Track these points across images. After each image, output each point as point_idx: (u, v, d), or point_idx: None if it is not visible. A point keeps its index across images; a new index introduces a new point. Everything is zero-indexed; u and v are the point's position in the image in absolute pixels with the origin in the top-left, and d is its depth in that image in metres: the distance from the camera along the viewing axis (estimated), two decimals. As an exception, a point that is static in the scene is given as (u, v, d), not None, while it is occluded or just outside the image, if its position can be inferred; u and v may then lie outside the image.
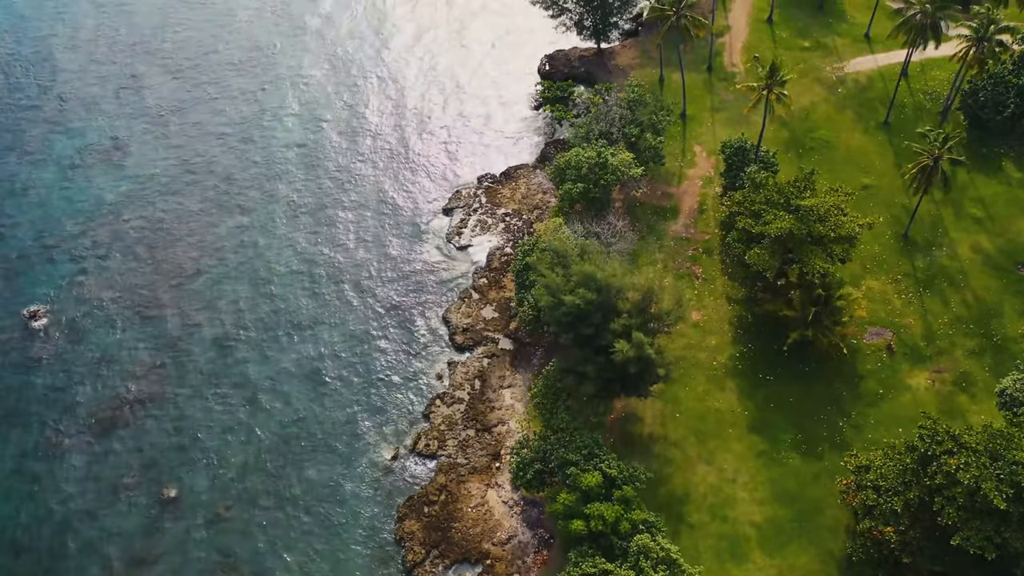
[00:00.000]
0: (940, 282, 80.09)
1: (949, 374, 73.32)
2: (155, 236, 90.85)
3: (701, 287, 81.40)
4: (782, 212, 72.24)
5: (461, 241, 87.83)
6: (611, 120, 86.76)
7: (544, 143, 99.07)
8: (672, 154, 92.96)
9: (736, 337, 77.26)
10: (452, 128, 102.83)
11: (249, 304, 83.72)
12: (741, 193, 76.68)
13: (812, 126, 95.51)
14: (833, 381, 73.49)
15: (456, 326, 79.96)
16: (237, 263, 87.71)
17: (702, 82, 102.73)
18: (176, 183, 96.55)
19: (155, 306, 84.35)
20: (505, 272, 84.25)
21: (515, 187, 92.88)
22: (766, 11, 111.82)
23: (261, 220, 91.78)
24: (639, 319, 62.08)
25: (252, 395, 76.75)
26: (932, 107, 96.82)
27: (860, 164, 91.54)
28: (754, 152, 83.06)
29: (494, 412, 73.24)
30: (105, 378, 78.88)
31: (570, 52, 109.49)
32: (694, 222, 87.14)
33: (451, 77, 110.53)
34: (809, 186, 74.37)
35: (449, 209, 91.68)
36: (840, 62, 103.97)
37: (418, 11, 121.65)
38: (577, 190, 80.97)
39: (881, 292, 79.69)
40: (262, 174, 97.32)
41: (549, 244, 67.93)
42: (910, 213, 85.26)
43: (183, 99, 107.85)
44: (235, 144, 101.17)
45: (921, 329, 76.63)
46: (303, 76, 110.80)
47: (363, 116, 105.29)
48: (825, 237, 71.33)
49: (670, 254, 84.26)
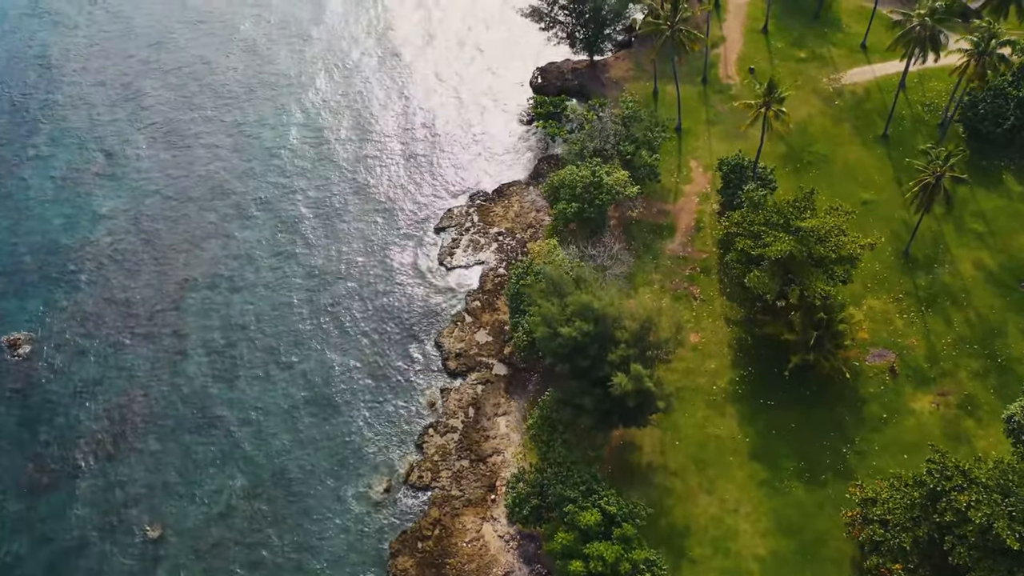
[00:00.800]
0: (942, 300, 78.52)
1: (953, 397, 71.73)
2: (140, 259, 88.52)
3: (699, 308, 79.62)
4: (782, 234, 70.53)
5: (453, 262, 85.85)
6: (605, 137, 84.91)
7: (537, 159, 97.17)
8: (668, 169, 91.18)
9: (736, 360, 75.50)
10: (443, 144, 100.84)
11: (236, 330, 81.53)
12: (740, 213, 74.93)
13: (809, 140, 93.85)
14: (835, 405, 71.82)
15: (449, 351, 77.98)
16: (224, 288, 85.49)
17: (697, 94, 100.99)
18: (162, 204, 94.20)
19: (140, 333, 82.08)
20: (498, 294, 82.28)
21: (508, 205, 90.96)
22: (761, 20, 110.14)
23: (247, 243, 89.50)
24: (637, 349, 60.24)
25: (239, 426, 74.61)
26: (931, 119, 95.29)
27: (859, 179, 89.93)
28: (752, 169, 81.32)
29: (489, 441, 71.28)
30: (88, 410, 76.63)
31: (563, 64, 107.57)
32: (691, 240, 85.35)
33: (442, 92, 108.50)
34: (809, 206, 72.69)
35: (441, 228, 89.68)
36: (836, 73, 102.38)
37: (407, 28, 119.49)
38: (572, 210, 79.13)
39: (883, 312, 78.05)
40: (248, 199, 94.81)
41: (544, 270, 66.00)
42: (910, 229, 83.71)
43: (171, 116, 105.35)
44: (222, 167, 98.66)
45: (924, 350, 75.03)
46: (290, 94, 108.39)
47: (352, 134, 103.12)
48: (826, 258, 69.69)
49: (667, 274, 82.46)
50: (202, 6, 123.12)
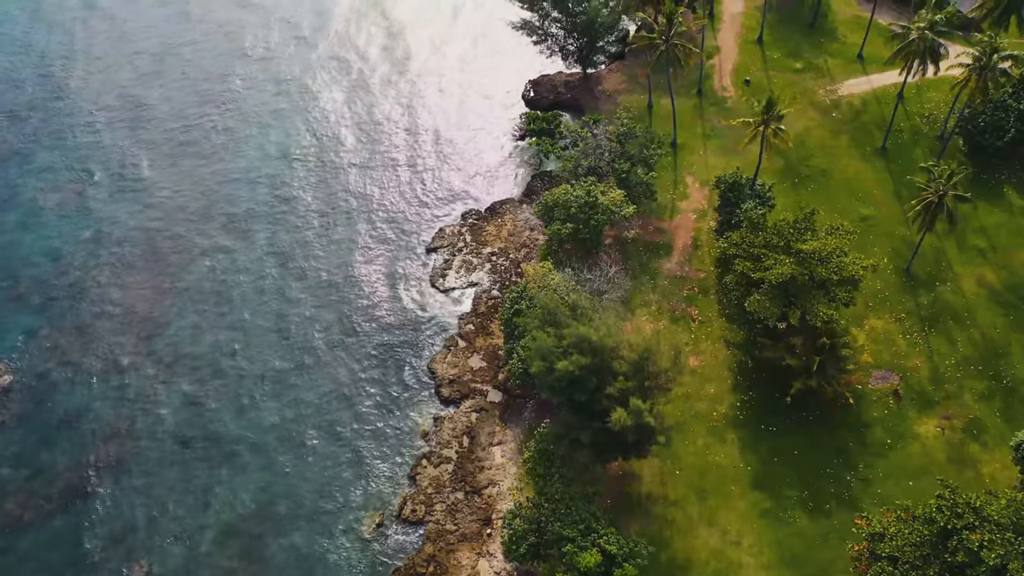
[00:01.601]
0: (945, 320, 76.94)
1: (959, 420, 70.11)
2: (125, 283, 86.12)
3: (698, 330, 77.80)
4: (782, 256, 68.81)
5: (446, 284, 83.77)
6: (599, 154, 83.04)
7: (530, 176, 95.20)
8: (663, 186, 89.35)
9: (736, 384, 73.72)
10: (434, 161, 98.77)
11: (221, 357, 79.24)
12: (738, 234, 73.16)
13: (807, 153, 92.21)
14: (839, 430, 70.10)
15: (442, 377, 75.93)
16: (211, 313, 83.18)
17: (692, 107, 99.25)
18: (148, 224, 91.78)
19: (124, 360, 79.68)
20: (492, 317, 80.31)
21: (501, 224, 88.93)
22: (755, 30, 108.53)
23: (235, 266, 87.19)
24: (636, 381, 58.33)
25: (226, 458, 72.36)
26: (929, 131, 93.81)
27: (858, 193, 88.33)
28: (750, 186, 79.57)
29: (484, 472, 69.28)
30: (70, 441, 74.21)
31: (555, 77, 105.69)
32: (688, 259, 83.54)
33: (431, 107, 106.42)
34: (810, 227, 70.98)
35: (433, 248, 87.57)
36: (833, 84, 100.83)
37: (398, 40, 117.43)
38: (566, 231, 77.21)
39: (885, 332, 76.41)
40: (236, 215, 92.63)
41: (539, 299, 64.05)
42: (911, 245, 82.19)
43: (154, 139, 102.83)
44: (206, 183, 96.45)
45: (928, 372, 73.41)
46: (276, 111, 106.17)
47: (340, 153, 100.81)
48: (828, 280, 68.01)
49: (664, 295, 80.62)
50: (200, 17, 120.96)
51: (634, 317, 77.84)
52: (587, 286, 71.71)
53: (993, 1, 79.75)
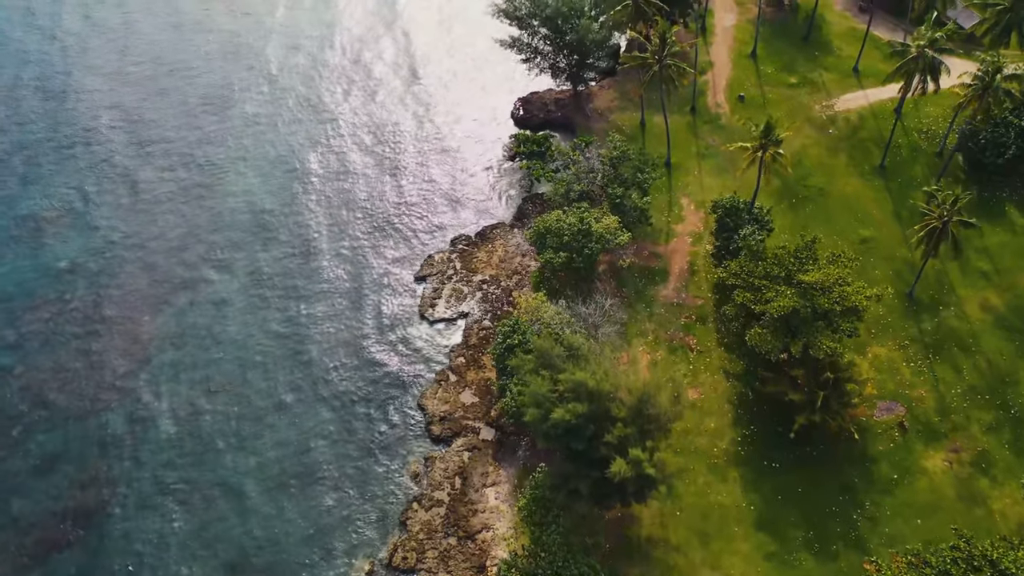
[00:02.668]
0: (950, 346, 74.81)
1: (967, 453, 67.97)
2: (102, 317, 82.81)
3: (696, 360, 75.38)
4: (783, 287, 66.50)
5: (435, 314, 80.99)
6: (592, 179, 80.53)
7: (521, 198, 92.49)
8: (658, 208, 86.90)
9: (737, 418, 71.34)
10: (423, 183, 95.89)
11: (202, 395, 76.19)
12: (737, 263, 70.82)
13: (805, 172, 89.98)
14: (844, 466, 67.82)
15: (432, 414, 73.20)
16: (191, 347, 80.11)
17: (686, 125, 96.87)
18: (126, 254, 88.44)
19: (102, 400, 76.46)
20: (483, 349, 77.59)
21: (491, 250, 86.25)
22: (749, 44, 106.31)
23: (216, 298, 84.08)
24: (635, 425, 55.81)
25: (207, 503, 69.33)
26: (928, 148, 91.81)
27: (857, 213, 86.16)
28: (747, 211, 77.18)
29: (477, 516, 66.62)
30: (46, 488, 70.93)
31: (545, 95, 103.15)
32: (685, 286, 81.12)
33: (417, 127, 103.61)
34: (811, 256, 68.65)
35: (421, 277, 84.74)
36: (829, 99, 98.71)
37: (381, 60, 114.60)
38: (560, 260, 74.68)
39: (888, 360, 74.21)
40: (216, 244, 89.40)
41: (533, 341, 61.39)
42: (912, 267, 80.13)
43: (132, 164, 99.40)
44: (185, 212, 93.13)
45: (934, 402, 71.24)
46: (257, 136, 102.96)
47: (323, 173, 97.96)
48: (830, 311, 65.70)
49: (661, 323, 78.16)
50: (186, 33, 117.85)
51: (631, 348, 75.31)
52: (582, 321, 69.11)
53: (994, 18, 77.64)
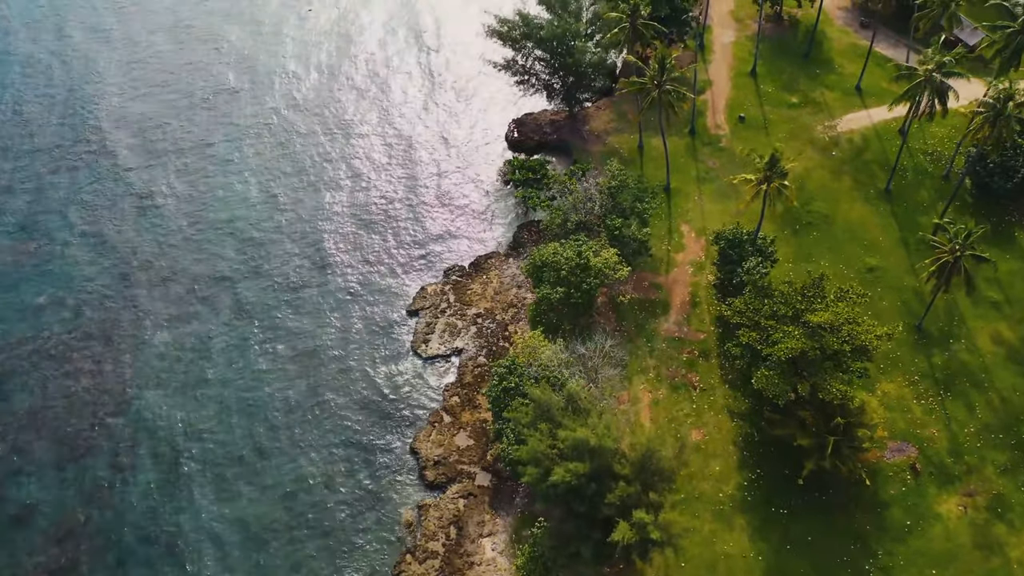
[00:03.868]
0: (962, 382, 72.27)
1: (982, 497, 65.41)
2: (81, 358, 79.50)
3: (699, 399, 72.64)
4: (791, 327, 63.77)
5: (429, 350, 78.02)
6: (589, 209, 77.74)
7: (516, 226, 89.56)
8: (657, 235, 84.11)
9: (743, 461, 68.61)
10: (413, 211, 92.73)
11: (184, 441, 73.07)
12: (742, 300, 68.07)
13: (808, 197, 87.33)
14: (855, 512, 65.15)
15: (426, 458, 70.26)
16: (174, 387, 77.00)
17: (685, 147, 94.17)
18: (105, 290, 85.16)
19: (79, 447, 73.30)
20: (478, 387, 74.72)
21: (486, 281, 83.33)
22: (748, 62, 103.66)
23: (199, 335, 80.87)
24: (639, 481, 53.01)
25: (190, 557, 66.21)
26: (934, 170, 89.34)
27: (863, 240, 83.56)
28: (751, 242, 74.45)
29: (473, 569, 63.75)
30: (20, 541, 67.71)
31: (540, 116, 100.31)
32: (687, 319, 78.37)
33: (408, 152, 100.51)
34: (819, 294, 65.94)
35: (414, 311, 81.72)
36: (832, 119, 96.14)
37: (374, 79, 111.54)
38: (557, 296, 71.81)
39: (898, 397, 71.60)
40: (200, 277, 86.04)
41: (530, 393, 58.51)
42: (921, 297, 77.68)
43: (112, 191, 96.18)
44: (167, 242, 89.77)
45: (946, 442, 68.67)
46: (241, 163, 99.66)
47: (311, 201, 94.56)
48: (840, 352, 63.02)
49: (663, 359, 75.38)
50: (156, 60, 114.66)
51: (631, 386, 72.69)
52: (581, 363, 66.30)
53: (1003, 40, 75.10)
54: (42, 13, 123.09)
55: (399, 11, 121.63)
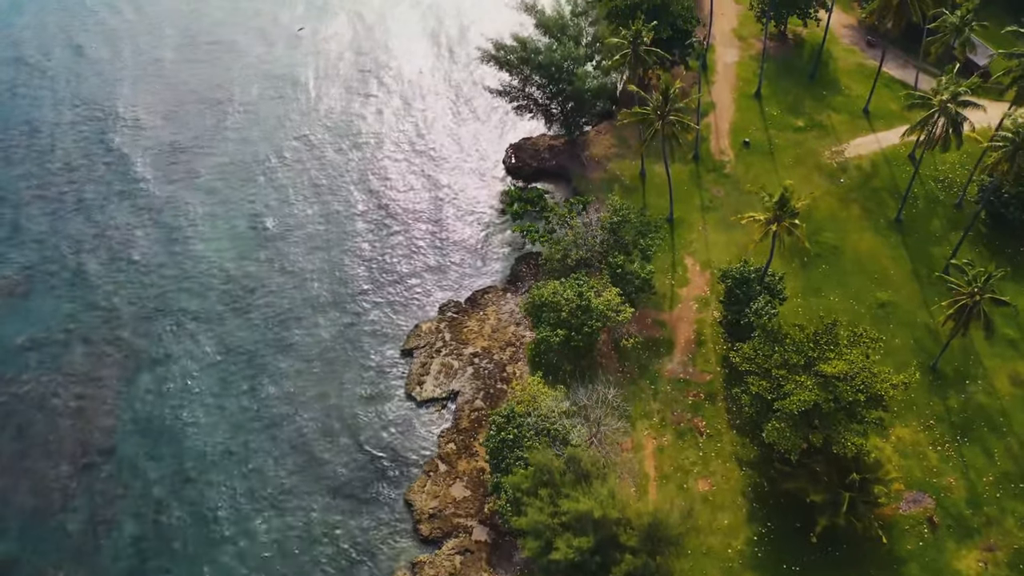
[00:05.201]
0: (979, 426, 69.35)
1: (1002, 552, 62.50)
2: (62, 400, 76.31)
3: (706, 446, 69.62)
4: (803, 377, 60.79)
5: (423, 393, 74.89)
6: (591, 247, 74.71)
7: (514, 259, 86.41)
8: (660, 268, 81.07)
9: (752, 513, 65.61)
10: (408, 241, 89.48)
11: (168, 491, 69.83)
12: (751, 346, 65.05)
13: (816, 227, 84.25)
14: (870, 569, 62.14)
15: (421, 511, 67.18)
16: (155, 434, 73.74)
17: (688, 174, 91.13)
18: (86, 328, 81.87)
19: (59, 498, 70.08)
20: (475, 433, 71.68)
21: (483, 318, 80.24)
22: (751, 82, 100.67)
23: (184, 375, 77.66)
24: (645, 551, 50.01)
25: (176, 618, 63.30)
26: (946, 198, 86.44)
27: (873, 273, 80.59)
28: (759, 280, 71.43)
29: (471, 632, 60.73)
30: (-6, 603, 64.84)
31: (538, 140, 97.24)
32: (692, 359, 75.34)
33: (403, 176, 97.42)
34: (831, 340, 62.93)
35: (408, 350, 78.57)
36: (839, 144, 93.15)
37: (368, 102, 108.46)
38: (557, 339, 68.76)
39: (913, 443, 68.66)
40: (184, 315, 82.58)
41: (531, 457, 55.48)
42: (934, 334, 74.81)
43: (96, 224, 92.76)
44: (152, 277, 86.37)
45: (964, 492, 65.73)
46: (227, 193, 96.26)
47: (301, 232, 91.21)
48: (855, 402, 60.04)
49: (667, 402, 72.35)
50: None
51: (635, 432, 69.68)
52: (583, 415, 63.27)
53: (1020, 69, 72.11)
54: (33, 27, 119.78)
55: (390, 32, 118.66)
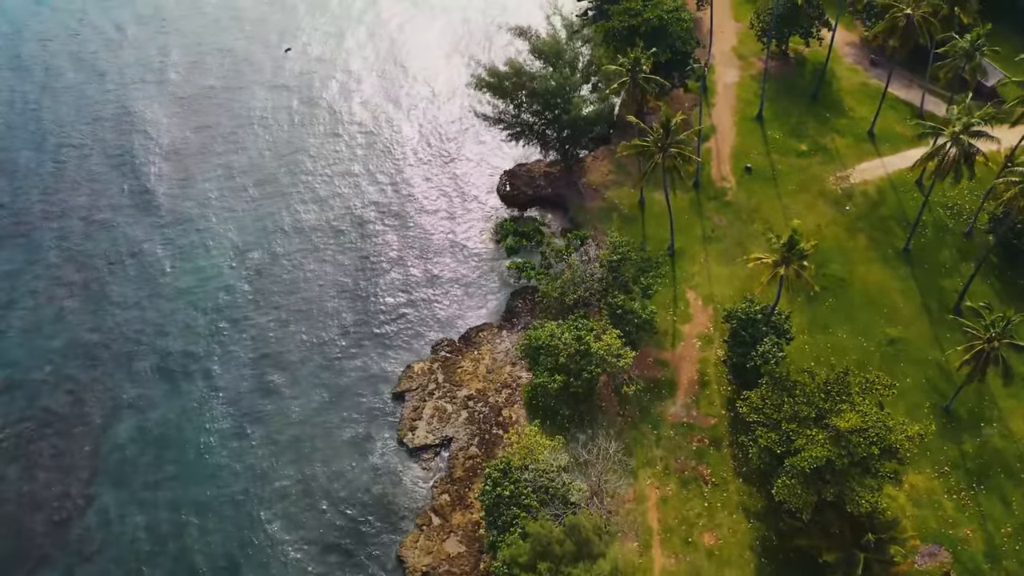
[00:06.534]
0: (996, 473, 66.48)
1: (1024, 610, 59.75)
2: (36, 450, 72.96)
3: (712, 496, 66.58)
4: (814, 431, 57.84)
5: (416, 440, 71.71)
6: (589, 287, 71.67)
7: (509, 293, 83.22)
8: (662, 304, 78.05)
9: (760, 569, 62.59)
10: (400, 277, 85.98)
11: (147, 549, 66.50)
12: (758, 394, 62.10)
13: (822, 258, 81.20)
14: (885, 630, 59.31)
15: (413, 568, 64.01)
16: (137, 485, 70.42)
17: (689, 203, 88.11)
18: (62, 370, 78.48)
19: (31, 555, 66.71)
20: (471, 483, 68.53)
21: (478, 358, 77.08)
22: (752, 104, 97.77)
23: (165, 422, 74.22)
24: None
25: None
26: (955, 226, 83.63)
27: (882, 308, 77.70)
28: (765, 321, 68.45)
29: None
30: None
31: (533, 167, 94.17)
32: (695, 401, 72.32)
33: (394, 205, 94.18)
34: (844, 390, 59.98)
35: (400, 394, 75.33)
36: (844, 169, 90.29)
37: (360, 127, 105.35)
38: (556, 385, 65.70)
39: (928, 492, 65.75)
40: (168, 354, 79.24)
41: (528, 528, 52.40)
42: (946, 373, 72.02)
43: (71, 259, 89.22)
44: (133, 314, 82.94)
45: (982, 543, 62.87)
46: (211, 219, 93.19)
47: (289, 264, 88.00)
48: (869, 456, 57.11)
49: (670, 448, 69.31)
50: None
51: (637, 481, 66.65)
52: (583, 470, 60.22)
53: (1035, 99, 69.34)
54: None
55: (380, 56, 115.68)
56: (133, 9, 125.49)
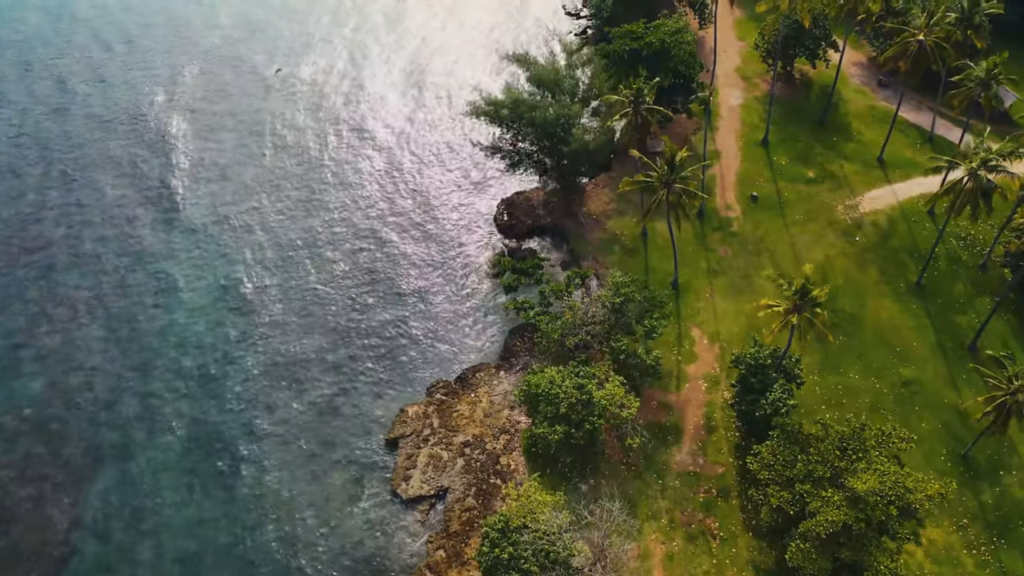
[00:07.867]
0: (1017, 525, 63.56)
1: (1050, 677, 56.80)
2: (13, 500, 69.57)
3: (720, 552, 63.52)
4: (829, 491, 54.85)
5: (410, 491, 68.51)
6: (591, 330, 68.60)
7: (507, 331, 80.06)
8: (666, 342, 75.03)
9: (773, 632, 59.74)
10: (393, 313, 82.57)
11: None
12: (769, 449, 59.15)
13: (832, 292, 77.49)
14: None
15: (408, 631, 60.99)
16: (120, 533, 67.17)
17: (693, 234, 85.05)
18: (41, 419, 74.74)
19: (9, 614, 63.82)
20: (467, 537, 65.40)
21: (474, 400, 73.96)
22: (757, 128, 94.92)
23: (148, 471, 70.84)
24: None
25: None
26: (969, 259, 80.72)
27: (895, 346, 74.77)
28: (776, 367, 65.43)
29: None
30: None
31: (531, 195, 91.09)
32: (702, 448, 69.29)
33: (386, 235, 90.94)
34: (860, 446, 56.98)
35: (393, 440, 72.14)
36: (853, 197, 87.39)
37: (352, 151, 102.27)
38: (556, 436, 62.64)
39: (946, 547, 62.76)
40: (150, 398, 75.44)
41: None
42: (963, 417, 69.15)
43: (53, 289, 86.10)
44: (113, 355, 79.36)
45: (1004, 604, 60.04)
46: (196, 248, 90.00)
47: (277, 298, 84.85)
48: (888, 519, 54.15)
49: (676, 500, 66.26)
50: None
51: (642, 536, 63.60)
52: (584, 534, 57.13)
53: (1056, 133, 66.35)
54: None
55: (375, 77, 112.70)
56: (135, 25, 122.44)
